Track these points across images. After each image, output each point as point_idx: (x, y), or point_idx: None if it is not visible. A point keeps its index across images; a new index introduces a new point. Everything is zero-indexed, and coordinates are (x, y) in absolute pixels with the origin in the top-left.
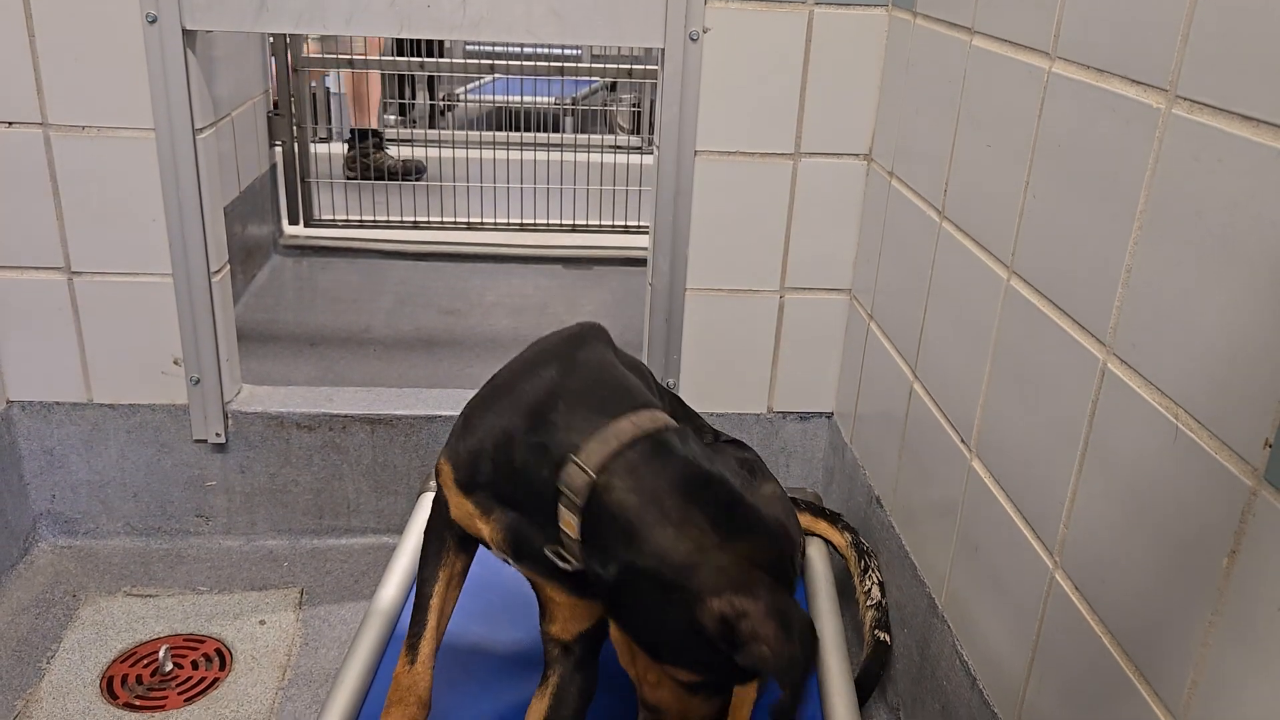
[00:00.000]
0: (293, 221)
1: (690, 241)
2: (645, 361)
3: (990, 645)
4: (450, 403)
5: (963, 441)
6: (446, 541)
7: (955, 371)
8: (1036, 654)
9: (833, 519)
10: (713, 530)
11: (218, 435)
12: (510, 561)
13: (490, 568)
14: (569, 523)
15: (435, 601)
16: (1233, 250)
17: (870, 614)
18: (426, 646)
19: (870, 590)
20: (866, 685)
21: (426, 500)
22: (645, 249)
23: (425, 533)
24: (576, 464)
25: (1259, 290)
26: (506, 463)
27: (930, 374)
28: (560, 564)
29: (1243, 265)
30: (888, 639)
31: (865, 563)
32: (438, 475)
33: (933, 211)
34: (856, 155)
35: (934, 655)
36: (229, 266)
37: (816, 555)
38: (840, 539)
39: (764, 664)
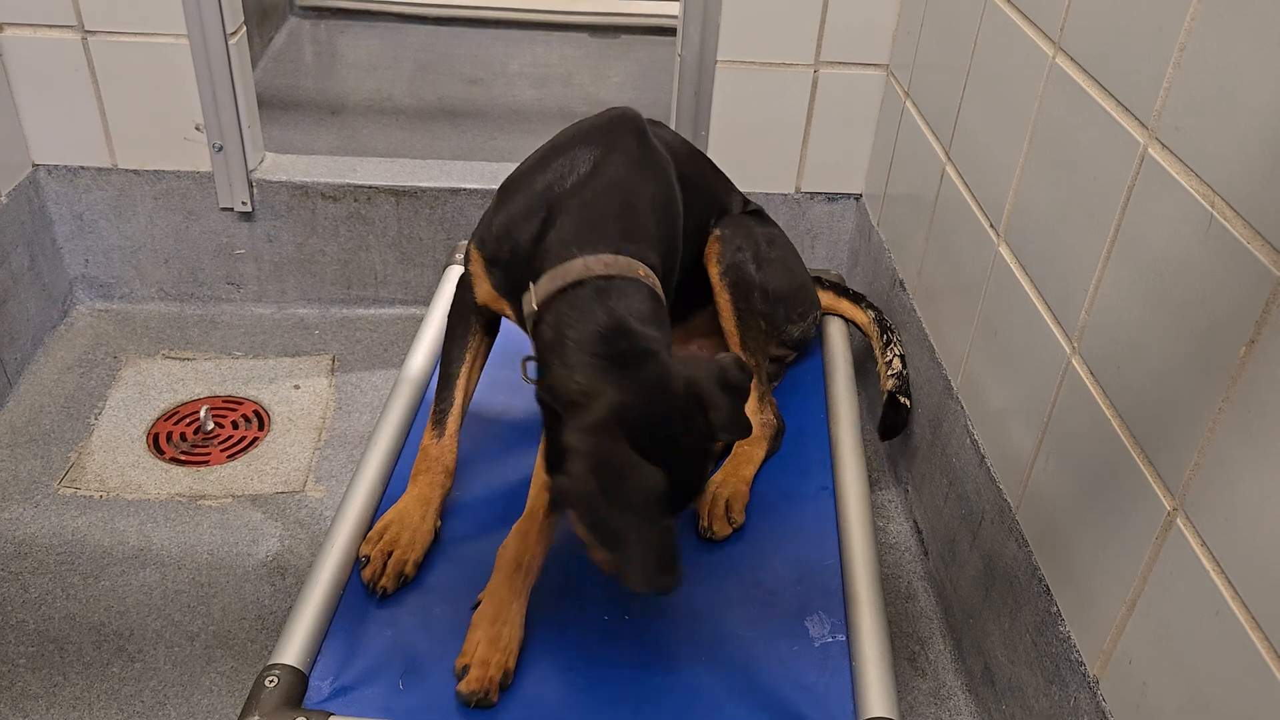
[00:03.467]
0: None
1: (723, 10)
2: None
3: (1001, 426)
4: (475, 176)
5: (991, 226)
6: (472, 322)
7: (990, 154)
8: (1046, 435)
9: (856, 299)
10: (598, 378)
11: (244, 204)
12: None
13: (515, 341)
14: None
15: (461, 380)
16: None
17: (891, 381)
18: (453, 422)
19: (891, 362)
20: (887, 434)
21: (453, 273)
22: (675, 17)
23: (451, 313)
24: (530, 292)
25: None
26: (523, 258)
27: (964, 156)
28: (525, 378)
29: None
30: (907, 402)
31: (888, 337)
32: (467, 259)
33: None
34: None
35: (945, 434)
36: (245, 28)
37: (836, 333)
38: (863, 316)
39: (566, 499)
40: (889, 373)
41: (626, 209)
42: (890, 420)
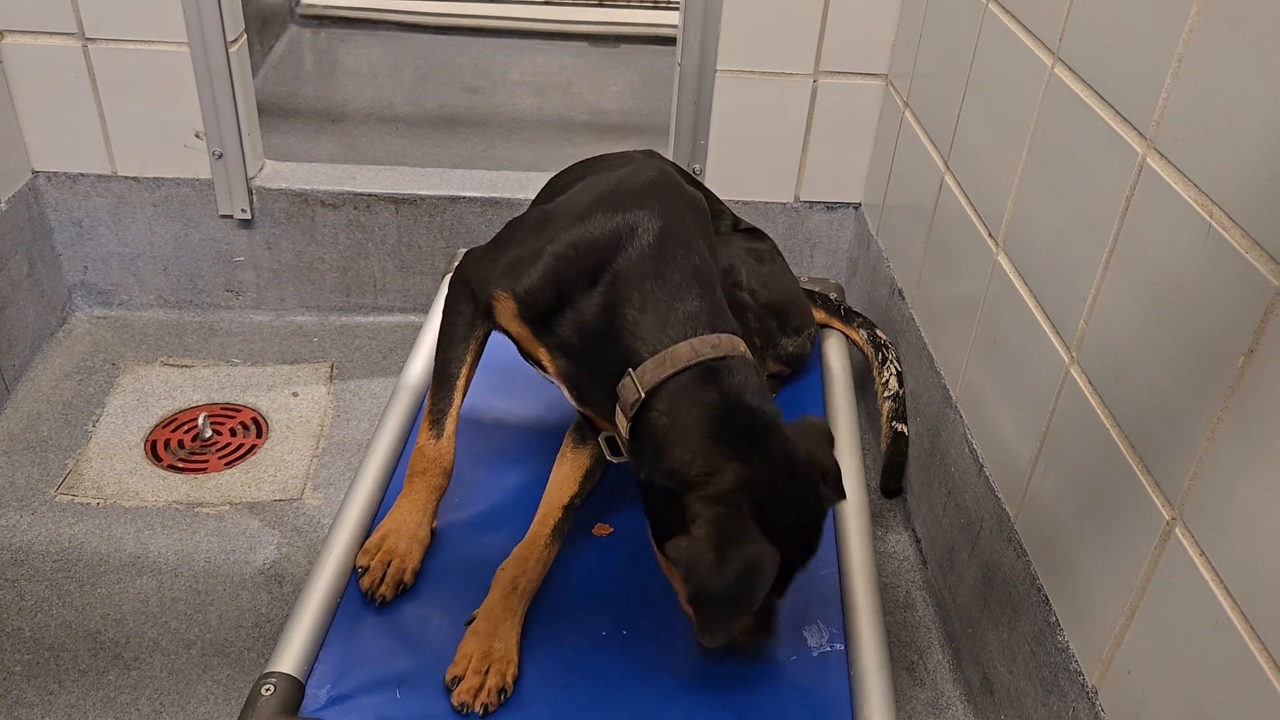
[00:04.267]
0: None
1: (722, 19)
2: (672, 146)
3: (1000, 435)
4: (475, 184)
5: (990, 235)
6: (477, 325)
7: (989, 164)
8: (1044, 444)
9: (848, 318)
10: (719, 455)
11: (243, 211)
12: (560, 384)
13: (511, 345)
14: (621, 422)
15: (460, 381)
16: None
17: (888, 405)
18: (451, 423)
19: (888, 382)
20: (892, 477)
21: None
22: (675, 27)
23: (450, 312)
24: (632, 379)
25: None
26: (574, 322)
27: (963, 166)
28: (610, 455)
29: None
30: (905, 430)
31: (883, 354)
32: (492, 299)
33: None
34: None
35: (944, 443)
36: (245, 36)
37: (835, 346)
38: (856, 335)
39: (677, 555)
40: (885, 394)
41: (706, 284)
42: (893, 462)
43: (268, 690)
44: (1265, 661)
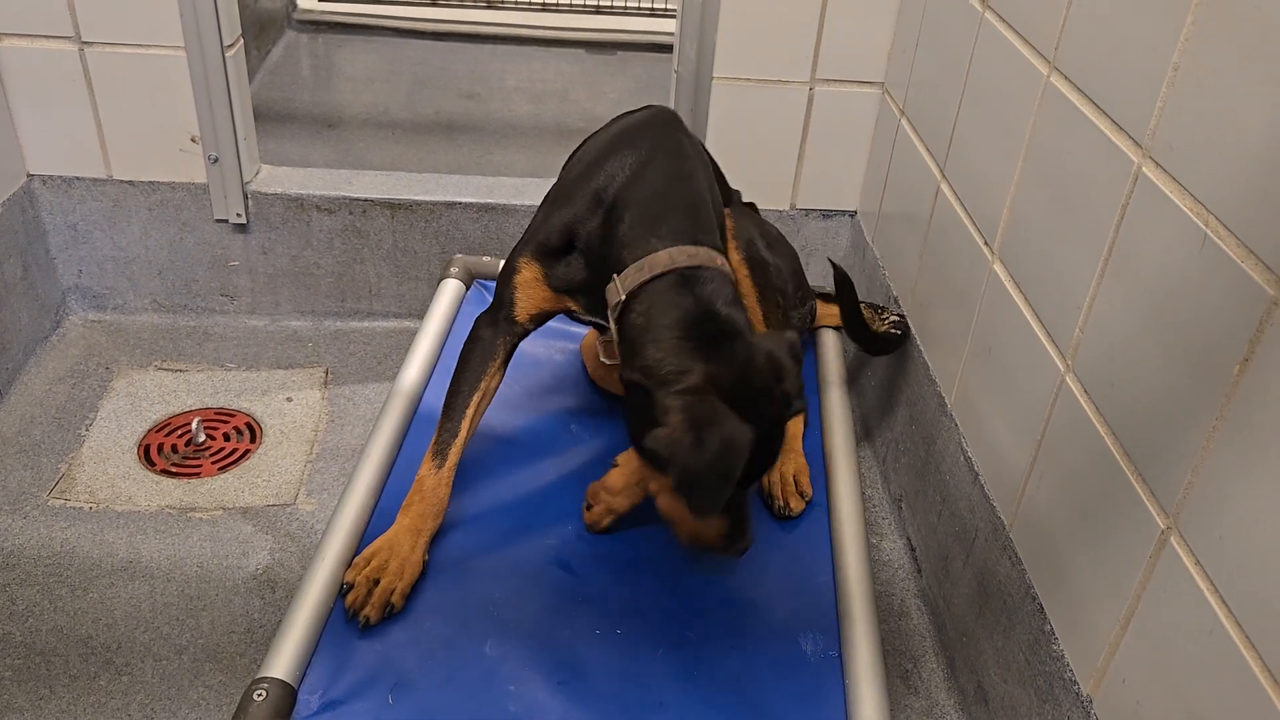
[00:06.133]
0: None
1: (719, 27)
2: None
3: (995, 443)
4: (471, 190)
5: (986, 244)
6: (498, 352)
7: (984, 172)
8: (1039, 453)
9: (828, 298)
10: (690, 352)
11: (239, 216)
12: (592, 319)
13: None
14: (611, 325)
15: (470, 411)
16: None
17: (889, 325)
18: (454, 455)
19: (888, 319)
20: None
21: (448, 286)
22: (672, 34)
23: (472, 342)
24: (616, 282)
25: None
26: (582, 256)
27: (958, 174)
28: (605, 359)
29: None
30: (903, 332)
31: (882, 310)
32: (514, 273)
33: None
34: None
35: (939, 452)
36: (242, 41)
37: (829, 344)
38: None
39: (655, 444)
40: (887, 322)
41: (692, 203)
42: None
43: (260, 696)
44: (1260, 670)
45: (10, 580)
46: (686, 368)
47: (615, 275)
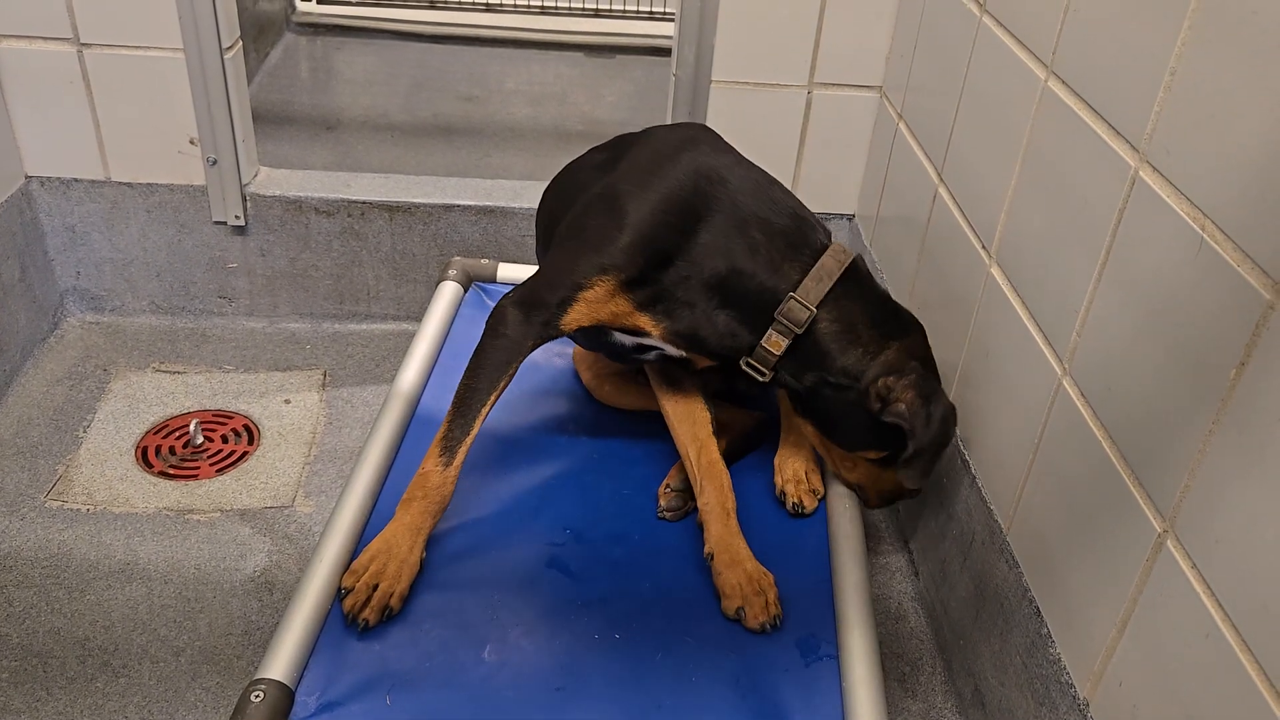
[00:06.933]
0: None
1: (718, 30)
2: None
3: (992, 446)
4: (469, 192)
5: (983, 247)
6: (520, 356)
7: (982, 175)
8: (1037, 456)
9: None
10: (881, 339)
11: (237, 218)
12: (672, 347)
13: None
14: (777, 344)
15: (484, 410)
16: None
17: None
18: (463, 453)
19: None
20: None
21: (446, 289)
22: (670, 38)
23: (487, 338)
24: (798, 301)
25: None
26: (681, 275)
27: (956, 177)
28: (756, 376)
29: None
30: None
31: None
32: (579, 287)
33: (973, 4)
34: None
35: None
36: (241, 43)
37: None
38: None
39: (900, 418)
40: None
41: (788, 202)
42: None
43: (257, 697)
44: (1256, 674)
45: (7, 582)
46: (884, 348)
47: (792, 295)
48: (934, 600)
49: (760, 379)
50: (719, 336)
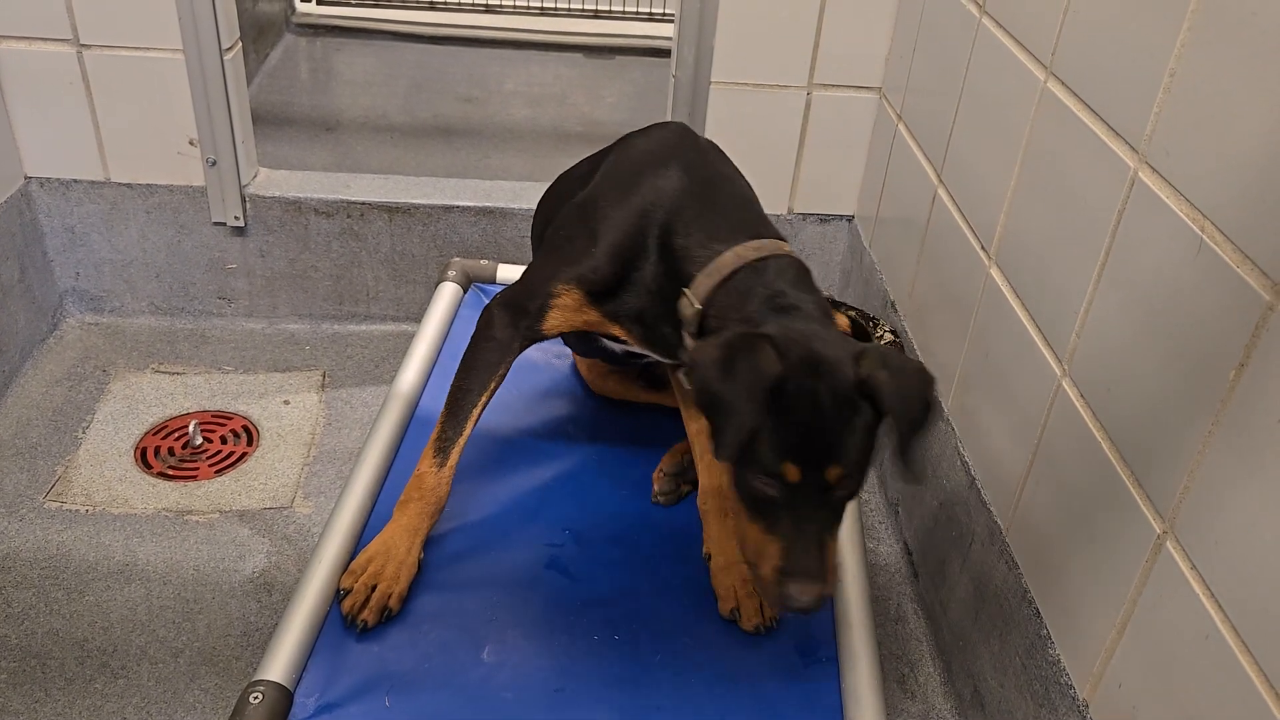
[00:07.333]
0: None
1: (717, 31)
2: None
3: (992, 447)
4: (468, 193)
5: (983, 248)
6: (505, 353)
7: (981, 176)
8: (1036, 457)
9: (834, 306)
10: (762, 320)
11: (236, 219)
12: (641, 349)
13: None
14: (688, 342)
15: (476, 411)
16: None
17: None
18: (456, 454)
19: (882, 336)
20: None
21: (445, 290)
22: (669, 39)
23: (477, 339)
24: (688, 297)
25: None
26: (638, 283)
27: (955, 178)
28: (686, 384)
29: None
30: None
31: (874, 323)
32: (551, 295)
33: (972, 5)
34: None
35: (935, 455)
36: (241, 44)
37: None
38: (843, 319)
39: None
40: (885, 341)
41: (741, 202)
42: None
43: (256, 698)
44: (1256, 675)
45: (6, 583)
46: (758, 322)
47: (685, 290)
48: (933, 601)
49: (687, 384)
50: (665, 339)
